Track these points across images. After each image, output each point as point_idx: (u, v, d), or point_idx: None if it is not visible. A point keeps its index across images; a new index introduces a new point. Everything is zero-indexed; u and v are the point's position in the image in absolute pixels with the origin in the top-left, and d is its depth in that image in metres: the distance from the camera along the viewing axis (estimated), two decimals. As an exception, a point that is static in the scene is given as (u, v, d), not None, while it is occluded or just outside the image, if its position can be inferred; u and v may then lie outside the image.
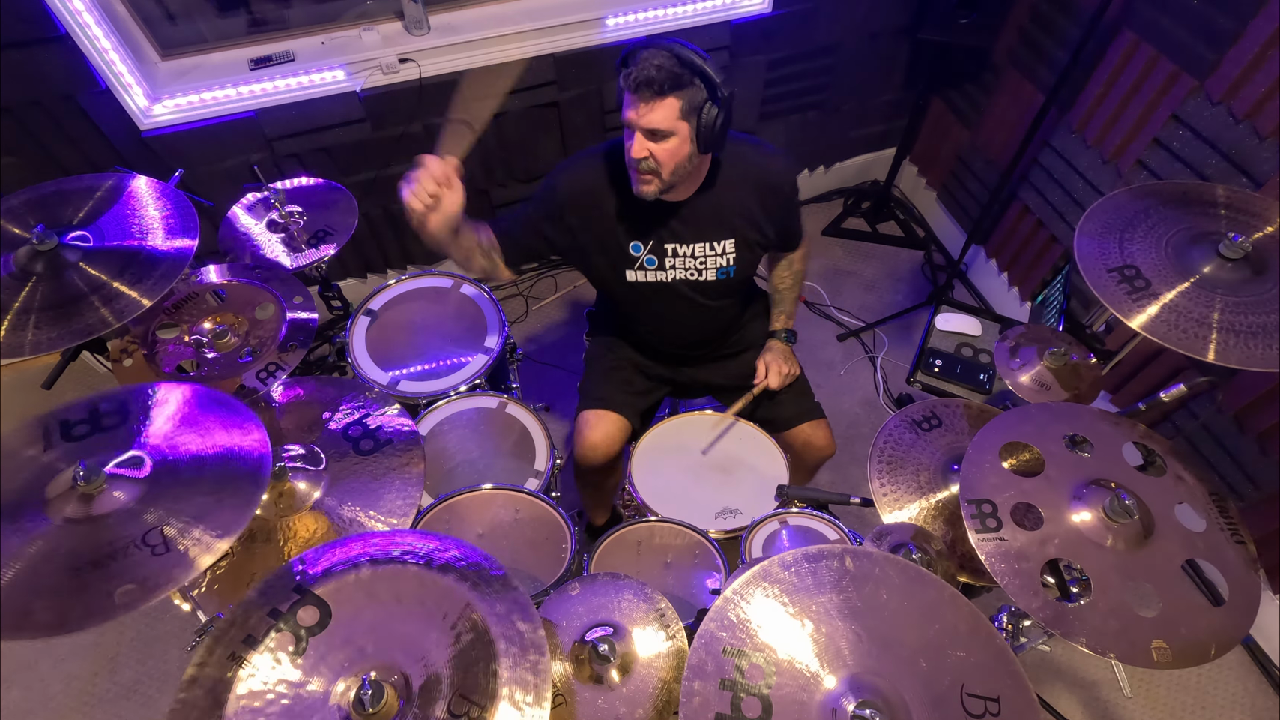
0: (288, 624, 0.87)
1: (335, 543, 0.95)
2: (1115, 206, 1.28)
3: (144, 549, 0.94)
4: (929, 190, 3.02)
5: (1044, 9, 2.23)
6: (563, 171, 1.48)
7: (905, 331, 2.72)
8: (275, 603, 0.89)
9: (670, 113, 1.25)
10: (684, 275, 1.53)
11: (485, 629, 0.86)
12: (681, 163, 1.32)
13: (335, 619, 0.88)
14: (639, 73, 1.23)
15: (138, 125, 1.92)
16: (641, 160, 1.30)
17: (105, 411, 1.09)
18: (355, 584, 0.90)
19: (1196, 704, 1.91)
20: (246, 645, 0.85)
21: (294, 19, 2.10)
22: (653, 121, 1.26)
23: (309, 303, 1.53)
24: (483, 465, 1.61)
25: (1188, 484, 1.09)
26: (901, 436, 1.30)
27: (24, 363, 1.72)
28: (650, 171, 1.32)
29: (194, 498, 0.99)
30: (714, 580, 1.38)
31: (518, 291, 2.81)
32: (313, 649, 0.86)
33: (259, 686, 0.83)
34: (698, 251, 1.50)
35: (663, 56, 1.23)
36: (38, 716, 1.91)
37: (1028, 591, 0.96)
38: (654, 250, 1.50)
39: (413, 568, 0.92)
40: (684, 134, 1.28)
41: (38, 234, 1.29)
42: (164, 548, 0.94)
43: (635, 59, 1.25)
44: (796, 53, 2.50)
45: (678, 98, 1.25)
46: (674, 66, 1.22)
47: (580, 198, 1.46)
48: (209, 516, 0.97)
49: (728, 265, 1.52)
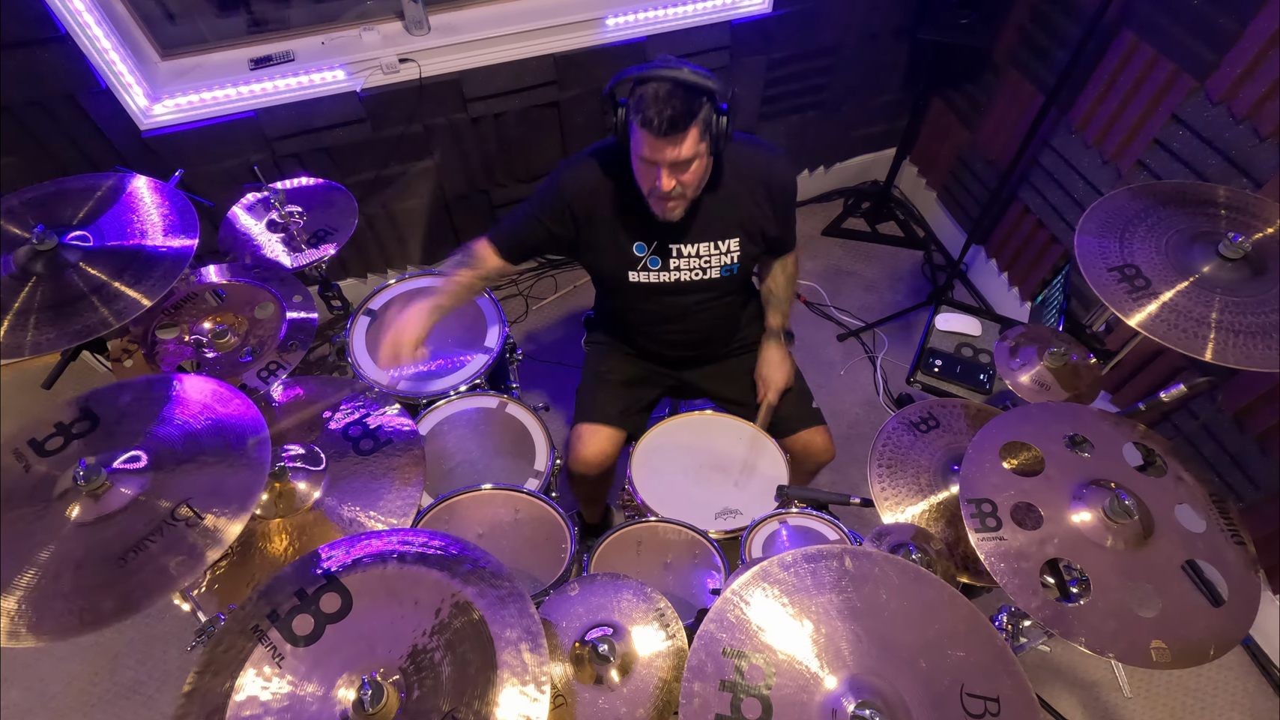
0: (310, 608, 0.88)
1: (363, 535, 0.97)
2: (1115, 206, 1.28)
3: (177, 523, 0.96)
4: (929, 190, 3.02)
5: (1044, 9, 2.23)
6: (566, 169, 1.48)
7: (905, 332, 2.72)
8: (303, 584, 0.90)
9: (693, 141, 1.27)
10: (689, 276, 1.53)
11: (485, 628, 0.86)
12: (704, 177, 1.36)
13: (354, 610, 0.89)
14: (657, 116, 1.21)
15: (138, 125, 1.92)
16: (672, 191, 1.32)
17: (79, 418, 1.10)
18: (379, 578, 0.91)
19: (1196, 704, 1.91)
20: (270, 620, 0.87)
21: (294, 19, 2.10)
22: (680, 155, 1.27)
23: (309, 303, 1.53)
24: (483, 465, 1.61)
25: (1188, 484, 1.09)
26: (900, 438, 1.30)
27: (24, 363, 1.72)
28: (679, 197, 1.35)
29: (202, 473, 1.01)
30: (714, 580, 1.38)
31: (518, 291, 2.81)
32: (313, 649, 0.86)
33: (260, 688, 0.83)
34: (703, 251, 1.50)
35: (672, 89, 1.22)
36: (38, 716, 1.91)
37: (1027, 591, 0.96)
38: (658, 251, 1.50)
39: (418, 566, 0.92)
40: (703, 151, 1.31)
41: (37, 234, 1.29)
42: (196, 518, 0.96)
43: (644, 100, 1.23)
44: (796, 53, 2.50)
45: (696, 125, 1.26)
46: (685, 96, 1.22)
47: (583, 196, 1.46)
48: (223, 487, 0.99)
49: (732, 264, 1.53)
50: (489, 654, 0.84)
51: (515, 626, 0.86)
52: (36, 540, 0.96)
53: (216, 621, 1.16)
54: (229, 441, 1.05)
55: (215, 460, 1.03)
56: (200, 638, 1.17)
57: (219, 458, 1.03)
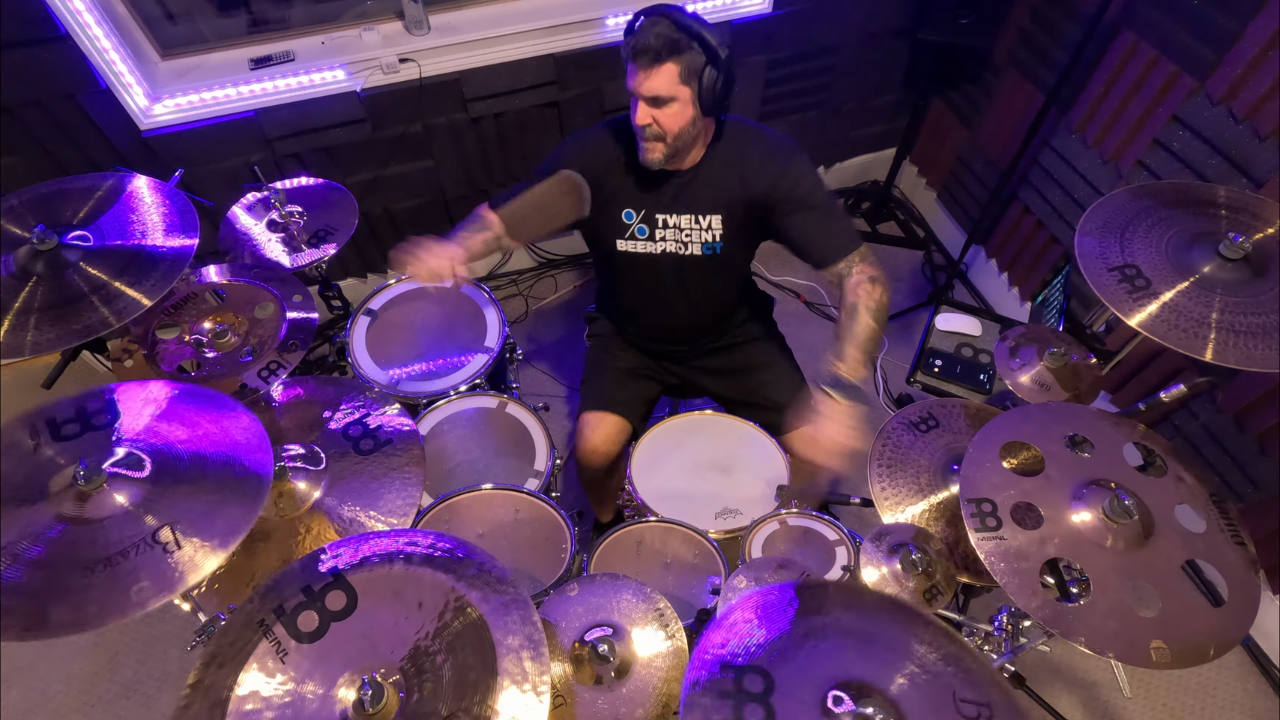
0: (315, 605, 0.88)
1: (371, 534, 0.97)
2: (1115, 206, 1.28)
3: (154, 546, 0.94)
4: (929, 190, 3.02)
5: (1044, 9, 2.23)
6: (569, 140, 1.53)
7: (905, 331, 2.72)
8: (310, 581, 0.90)
9: (669, 78, 1.28)
10: (671, 248, 1.54)
11: (485, 628, 0.86)
12: (685, 127, 1.35)
13: (359, 608, 0.89)
14: (637, 41, 1.27)
15: (138, 125, 1.92)
16: (646, 127, 1.34)
17: (94, 410, 1.08)
18: (386, 578, 0.91)
19: (1196, 704, 1.91)
20: (276, 614, 0.87)
21: (294, 19, 2.10)
22: (653, 88, 1.29)
23: (309, 302, 1.53)
24: (483, 465, 1.61)
25: (1188, 484, 1.09)
26: (900, 438, 1.30)
27: (24, 363, 1.72)
28: (655, 138, 1.36)
29: (196, 500, 0.99)
30: (713, 580, 1.38)
31: (518, 291, 2.81)
32: (316, 646, 0.86)
33: (263, 682, 0.83)
34: (684, 224, 1.51)
35: (660, 23, 1.26)
36: (38, 716, 1.91)
37: (1027, 591, 0.96)
38: (645, 219, 1.52)
39: (416, 567, 0.92)
40: (685, 98, 1.31)
41: (37, 234, 1.29)
42: (175, 545, 0.94)
43: (633, 29, 1.29)
44: (796, 53, 2.50)
45: (676, 63, 1.27)
46: (671, 32, 1.26)
47: (588, 159, 1.48)
48: (212, 520, 0.97)
49: (713, 241, 1.52)
50: (490, 660, 0.84)
51: (518, 634, 0.85)
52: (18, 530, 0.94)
53: (216, 621, 1.16)
54: (234, 473, 1.03)
55: (214, 489, 1.01)
56: (200, 637, 1.17)
57: (218, 486, 1.01)
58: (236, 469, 1.03)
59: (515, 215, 1.53)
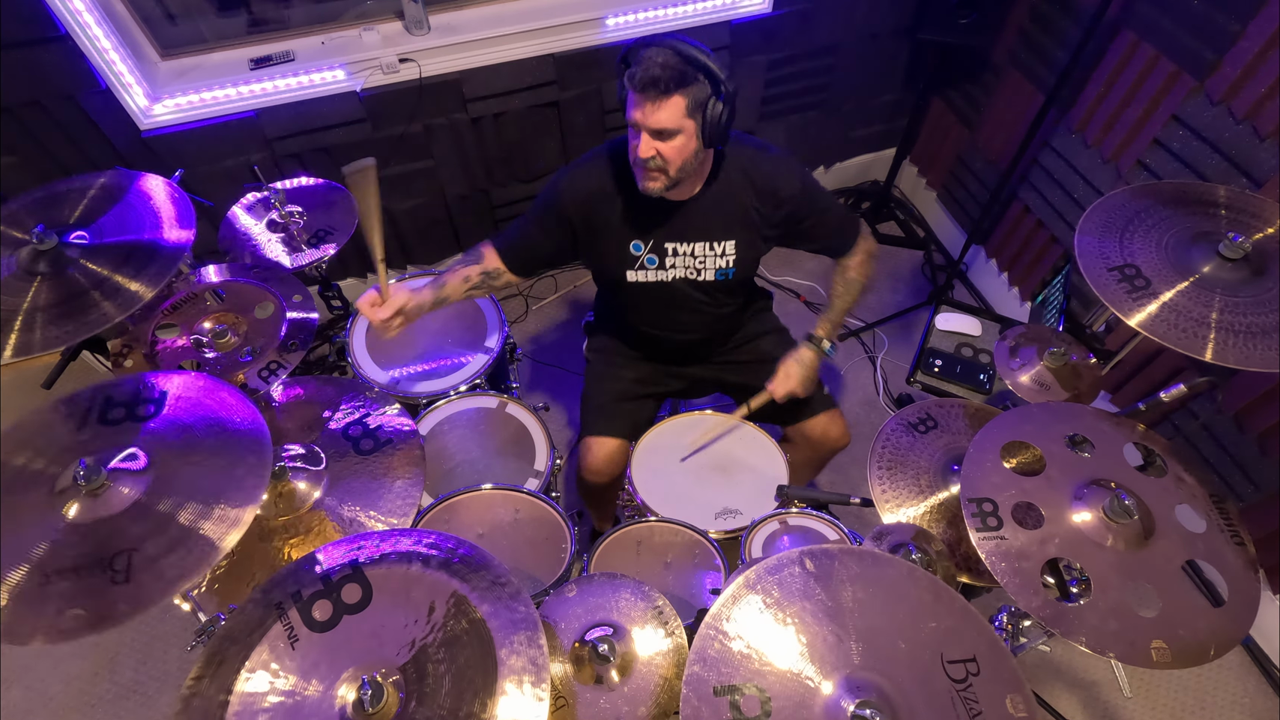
0: (331, 596, 0.89)
1: (394, 532, 0.98)
2: (1115, 206, 1.28)
3: (165, 534, 0.95)
4: (929, 190, 3.02)
5: (1044, 9, 2.23)
6: (565, 174, 1.48)
7: (905, 331, 2.72)
8: (329, 570, 0.91)
9: (676, 111, 1.25)
10: (684, 274, 1.53)
11: (485, 628, 0.86)
12: (688, 159, 1.32)
13: (372, 604, 0.89)
14: (643, 73, 1.22)
15: (138, 125, 1.92)
16: (649, 159, 1.30)
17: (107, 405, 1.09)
18: (402, 578, 0.91)
19: (1196, 704, 1.91)
20: (293, 599, 0.88)
21: (294, 19, 2.10)
22: (659, 121, 1.25)
23: (309, 302, 1.53)
24: (483, 465, 1.61)
25: (1188, 484, 1.09)
26: (900, 438, 1.30)
27: (24, 362, 1.71)
28: (658, 169, 1.32)
29: (202, 476, 1.01)
30: (713, 580, 1.38)
31: (518, 291, 2.81)
32: (326, 637, 0.86)
33: (264, 686, 0.83)
34: (697, 251, 1.50)
35: (666, 54, 1.22)
36: (38, 716, 1.91)
37: (1028, 590, 0.96)
38: (654, 250, 1.50)
39: (413, 566, 0.92)
40: (690, 131, 1.28)
41: (37, 234, 1.31)
42: (192, 523, 0.96)
43: (638, 58, 1.24)
44: (796, 53, 2.50)
45: (683, 96, 1.24)
46: (678, 64, 1.22)
47: (583, 198, 1.46)
48: (224, 491, 0.99)
49: (727, 267, 1.52)
50: (490, 661, 0.84)
51: (521, 655, 0.85)
52: (30, 534, 0.95)
53: (216, 621, 1.16)
54: (227, 431, 1.05)
55: (215, 461, 1.02)
56: (200, 637, 1.18)
57: (219, 448, 1.03)
58: (228, 427, 1.06)
59: (516, 254, 1.54)
